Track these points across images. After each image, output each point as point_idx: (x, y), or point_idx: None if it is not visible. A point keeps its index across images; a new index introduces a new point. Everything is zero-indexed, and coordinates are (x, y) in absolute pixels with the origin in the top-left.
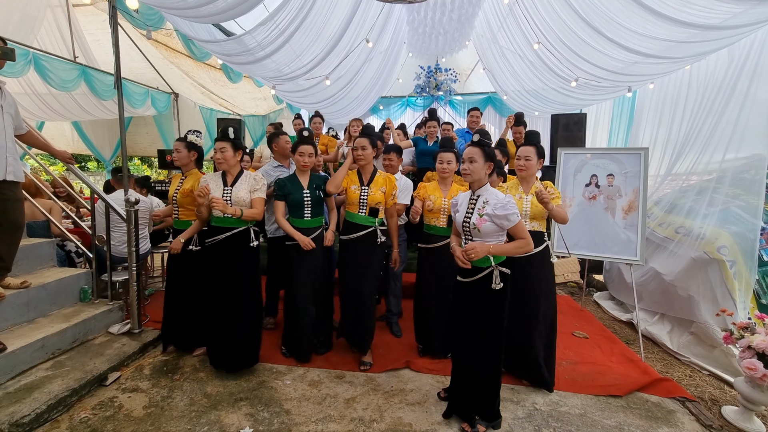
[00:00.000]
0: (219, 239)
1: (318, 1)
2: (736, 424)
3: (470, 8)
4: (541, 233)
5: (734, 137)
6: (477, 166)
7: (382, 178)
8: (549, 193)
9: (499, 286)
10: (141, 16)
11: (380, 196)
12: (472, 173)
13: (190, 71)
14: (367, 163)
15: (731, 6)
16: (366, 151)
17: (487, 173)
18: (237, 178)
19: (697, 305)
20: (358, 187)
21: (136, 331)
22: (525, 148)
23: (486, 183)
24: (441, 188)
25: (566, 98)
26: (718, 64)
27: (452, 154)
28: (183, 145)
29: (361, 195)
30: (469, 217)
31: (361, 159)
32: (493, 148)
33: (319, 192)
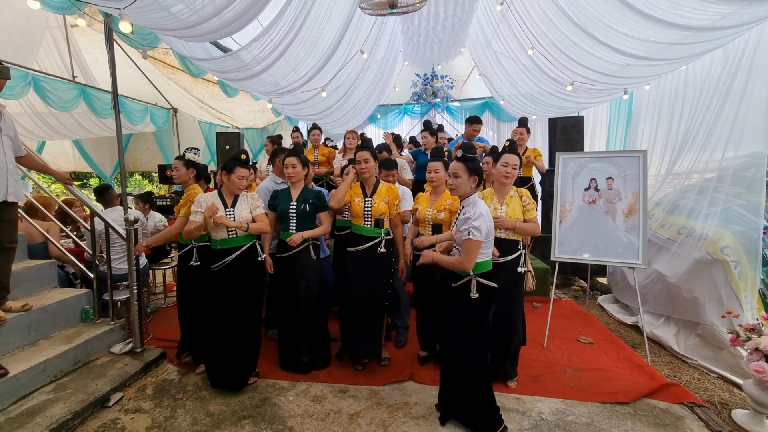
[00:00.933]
0: (228, 261)
1: (311, 15)
2: (747, 428)
3: (463, 16)
4: (515, 242)
5: (733, 135)
6: (461, 181)
7: (384, 189)
8: (525, 203)
9: (474, 295)
10: (136, 37)
11: (384, 206)
12: (458, 187)
13: (188, 87)
14: (370, 175)
15: (721, 7)
16: (369, 163)
17: (472, 186)
18: (236, 198)
19: (703, 307)
20: (361, 200)
21: (138, 350)
22: (511, 156)
23: (472, 195)
24: (431, 198)
25: (563, 102)
26: (714, 64)
27: (440, 163)
28: (182, 164)
29: (365, 207)
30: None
31: (365, 172)
32: (477, 162)
33: (306, 206)
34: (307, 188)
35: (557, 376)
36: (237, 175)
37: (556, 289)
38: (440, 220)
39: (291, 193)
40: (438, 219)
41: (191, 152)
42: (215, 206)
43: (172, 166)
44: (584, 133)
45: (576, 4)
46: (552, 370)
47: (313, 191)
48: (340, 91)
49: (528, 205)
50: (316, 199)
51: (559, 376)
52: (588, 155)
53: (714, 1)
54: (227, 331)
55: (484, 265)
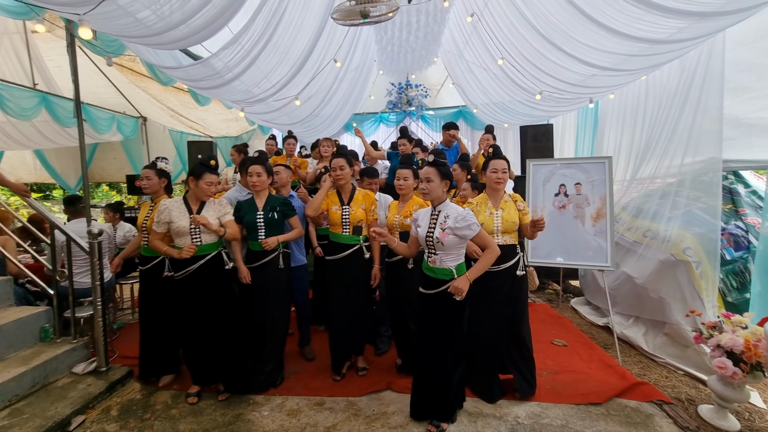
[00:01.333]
0: (192, 270)
1: (282, 22)
2: (712, 423)
3: (435, 26)
4: (513, 246)
5: (690, 142)
6: (434, 185)
7: (361, 195)
8: (520, 207)
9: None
10: (100, 44)
11: (361, 213)
12: (430, 192)
13: (158, 95)
14: (345, 182)
15: (676, 22)
16: (344, 170)
17: (444, 190)
18: (202, 205)
19: (669, 306)
20: (339, 207)
21: (102, 369)
22: (500, 161)
23: (445, 199)
24: (399, 205)
25: (533, 110)
26: (672, 74)
27: (409, 171)
28: (154, 173)
29: (342, 215)
30: (432, 232)
31: (340, 179)
32: (448, 167)
33: (274, 214)
34: (273, 196)
35: None
36: (206, 181)
37: (531, 293)
38: (407, 226)
39: (256, 202)
40: (405, 225)
41: (162, 162)
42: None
43: (142, 175)
44: (554, 141)
45: (542, 17)
46: None
47: (279, 198)
48: (315, 100)
49: (524, 210)
50: (283, 205)
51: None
52: (557, 162)
53: (669, 17)
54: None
55: (463, 267)
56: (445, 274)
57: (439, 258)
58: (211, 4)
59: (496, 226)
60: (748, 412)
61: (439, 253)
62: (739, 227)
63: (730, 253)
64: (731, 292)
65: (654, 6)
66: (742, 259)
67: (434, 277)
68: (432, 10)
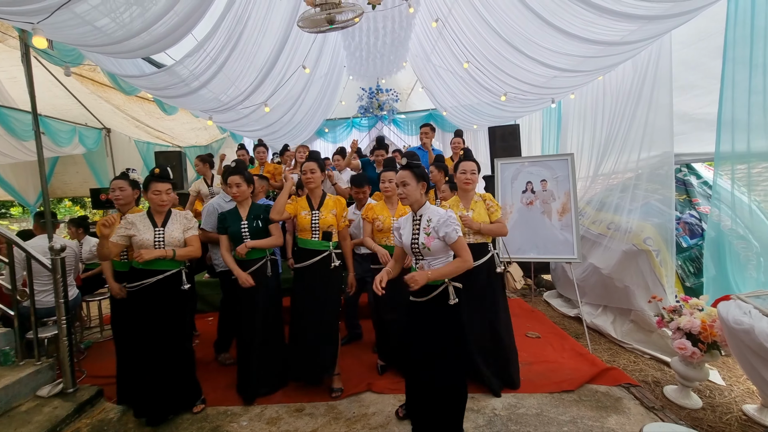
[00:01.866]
0: (147, 284)
1: (247, 29)
2: (677, 402)
3: (402, 32)
4: (485, 244)
5: (645, 138)
6: (410, 189)
7: (332, 201)
8: (489, 206)
9: (455, 301)
10: (57, 53)
11: (332, 219)
12: (408, 195)
13: (122, 105)
14: (316, 186)
15: (626, 25)
16: (315, 174)
17: (422, 193)
18: (167, 217)
19: (633, 294)
20: (308, 213)
21: (70, 390)
22: (469, 163)
23: (425, 202)
24: (388, 207)
25: (500, 111)
26: (626, 74)
27: (392, 173)
28: (127, 183)
29: (312, 220)
30: (416, 237)
31: (310, 182)
32: (422, 168)
33: (258, 222)
34: (255, 204)
35: None
36: (152, 191)
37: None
38: None
39: (239, 212)
40: None
41: (132, 172)
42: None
43: (114, 186)
44: (521, 140)
45: (503, 21)
46: None
47: (262, 206)
48: (285, 106)
49: (492, 208)
50: (266, 212)
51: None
52: (523, 160)
53: (619, 20)
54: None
55: None
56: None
57: (427, 263)
58: (173, 11)
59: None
60: (709, 390)
61: (427, 259)
62: (693, 216)
63: (686, 240)
64: (689, 278)
65: (604, 10)
66: (697, 246)
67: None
68: (398, 16)
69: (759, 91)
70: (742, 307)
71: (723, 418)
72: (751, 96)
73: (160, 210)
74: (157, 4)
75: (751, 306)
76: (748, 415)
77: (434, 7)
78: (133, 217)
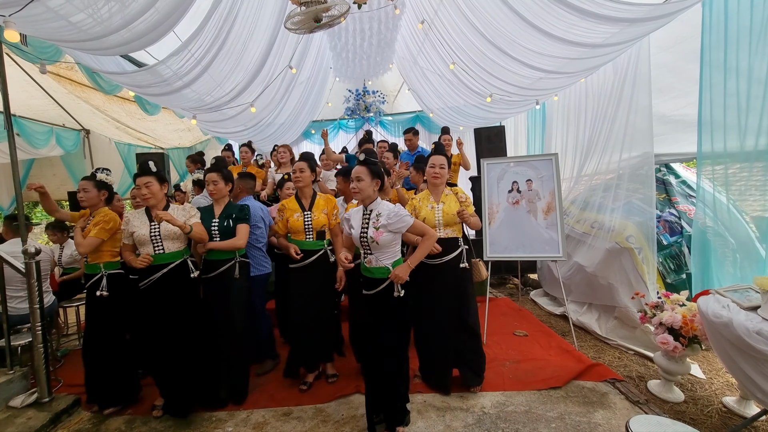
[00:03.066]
0: (155, 278)
1: (233, 30)
2: (660, 396)
3: (388, 33)
4: (456, 239)
5: (626, 139)
6: (364, 184)
7: (323, 200)
8: (461, 199)
9: (399, 293)
10: (32, 50)
11: (324, 218)
12: (361, 191)
13: (101, 105)
14: (305, 185)
15: (607, 27)
16: (304, 173)
17: (375, 189)
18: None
19: (617, 291)
20: (300, 214)
21: (45, 400)
22: (438, 157)
23: (376, 198)
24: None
25: (486, 113)
26: (607, 76)
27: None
28: (92, 184)
29: (305, 221)
30: (365, 231)
31: (299, 181)
32: (379, 167)
33: (230, 221)
34: (231, 203)
35: (497, 370)
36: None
37: (492, 289)
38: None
39: (214, 210)
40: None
41: (102, 173)
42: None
43: (79, 187)
44: (507, 141)
45: (488, 23)
46: (491, 365)
47: (237, 206)
48: (271, 107)
49: (465, 201)
50: (239, 212)
51: (498, 370)
52: (509, 160)
53: (600, 23)
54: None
55: (400, 262)
56: (382, 273)
57: (375, 257)
58: (154, 8)
59: (437, 220)
60: (690, 383)
61: (375, 253)
62: (673, 214)
63: (666, 238)
64: (670, 274)
65: (585, 13)
66: (677, 243)
67: (372, 278)
68: (384, 18)
69: (733, 94)
70: (721, 301)
71: (704, 410)
72: (727, 98)
73: (147, 204)
74: (136, 0)
75: (729, 300)
76: (727, 407)
77: (420, 9)
78: (131, 213)
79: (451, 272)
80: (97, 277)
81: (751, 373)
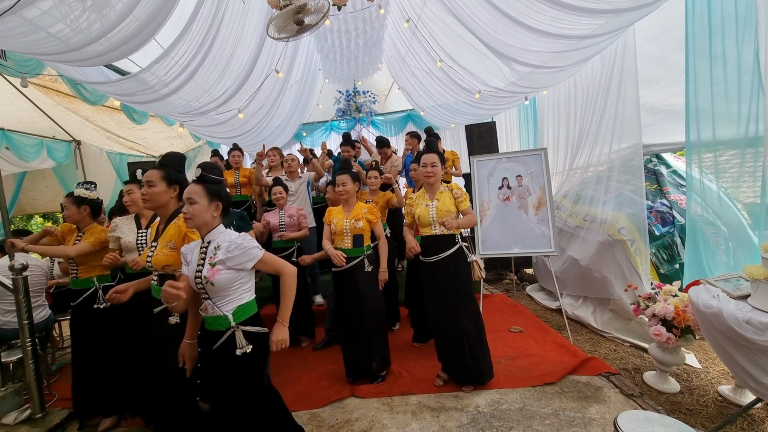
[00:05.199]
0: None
1: (219, 36)
2: (656, 387)
3: (374, 33)
4: (452, 236)
5: (616, 130)
6: (199, 208)
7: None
8: (456, 195)
9: (246, 348)
10: (12, 63)
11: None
12: (194, 216)
13: (90, 116)
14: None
15: (591, 20)
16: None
17: (215, 215)
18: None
19: (611, 284)
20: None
21: (38, 415)
22: (429, 155)
23: (216, 225)
24: (344, 210)
25: (476, 110)
26: (594, 68)
27: (347, 176)
28: (70, 201)
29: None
30: (200, 269)
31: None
32: (221, 185)
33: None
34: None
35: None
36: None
37: (488, 285)
38: (359, 229)
39: None
40: (357, 228)
41: (82, 187)
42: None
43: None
44: (498, 137)
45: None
46: None
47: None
48: (261, 112)
49: (459, 197)
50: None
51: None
52: (499, 156)
53: (582, 15)
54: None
55: (249, 308)
56: (220, 323)
57: (211, 304)
58: (132, 16)
59: (431, 217)
60: (686, 373)
61: (212, 297)
62: (664, 204)
63: (659, 228)
64: (663, 265)
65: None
66: (669, 233)
67: (210, 330)
68: (369, 18)
69: (720, 82)
70: (711, 291)
71: (700, 400)
72: (714, 87)
73: (134, 211)
74: (114, 9)
75: (719, 290)
76: (723, 396)
77: (405, 8)
78: (120, 219)
79: (447, 270)
80: (90, 291)
81: (743, 363)
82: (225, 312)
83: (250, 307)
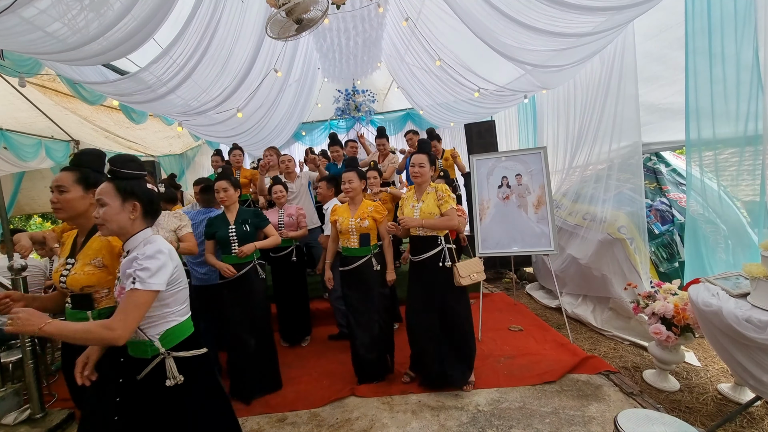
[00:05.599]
0: None
1: (217, 35)
2: (655, 385)
3: (373, 32)
4: (434, 238)
5: (615, 129)
6: (110, 211)
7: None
8: (439, 197)
9: (177, 380)
10: (10, 63)
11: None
12: (106, 221)
13: (89, 116)
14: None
15: (590, 18)
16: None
17: (132, 218)
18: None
19: (610, 282)
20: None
21: (38, 416)
22: (418, 156)
23: (137, 232)
24: (350, 208)
25: (476, 108)
26: (594, 67)
27: (353, 173)
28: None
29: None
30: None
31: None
32: (140, 183)
33: (246, 226)
34: (243, 209)
35: (492, 366)
36: None
37: (488, 284)
38: (365, 228)
39: (227, 217)
40: (363, 228)
41: None
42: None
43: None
44: (498, 136)
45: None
46: (486, 362)
47: (250, 210)
48: (260, 112)
49: (442, 199)
50: (255, 217)
51: (493, 367)
52: (498, 155)
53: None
54: None
55: (183, 330)
56: (144, 350)
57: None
58: (130, 15)
59: (415, 217)
60: (686, 372)
61: None
62: (664, 203)
63: (658, 227)
64: (662, 263)
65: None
66: (669, 232)
67: (135, 357)
68: (367, 16)
69: (719, 80)
70: (711, 289)
71: (700, 398)
72: (713, 85)
73: None
74: (112, 8)
75: (718, 288)
76: (723, 394)
77: (404, 6)
78: None
79: (427, 271)
80: None
81: (743, 361)
82: (150, 337)
83: (183, 329)
